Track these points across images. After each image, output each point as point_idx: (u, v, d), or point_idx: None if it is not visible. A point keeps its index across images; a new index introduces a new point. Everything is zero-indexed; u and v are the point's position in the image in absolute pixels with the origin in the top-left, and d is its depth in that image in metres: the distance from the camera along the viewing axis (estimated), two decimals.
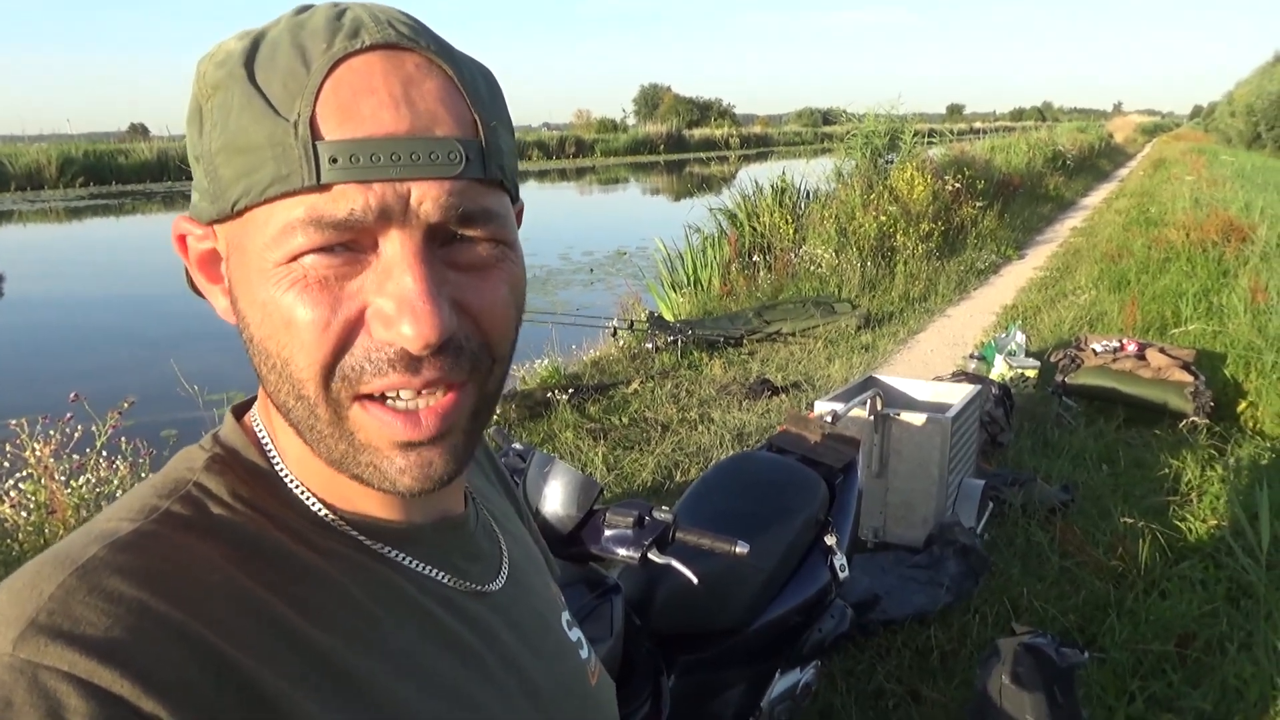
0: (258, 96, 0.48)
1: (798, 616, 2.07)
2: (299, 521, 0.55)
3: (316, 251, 0.48)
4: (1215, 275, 7.78)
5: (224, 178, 0.50)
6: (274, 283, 0.49)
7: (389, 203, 0.47)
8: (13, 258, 15.72)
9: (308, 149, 0.47)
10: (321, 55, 0.48)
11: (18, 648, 0.42)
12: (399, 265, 0.48)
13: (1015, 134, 26.05)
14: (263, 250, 0.49)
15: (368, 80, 0.48)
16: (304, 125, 0.47)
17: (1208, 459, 4.14)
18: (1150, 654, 2.72)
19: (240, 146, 0.48)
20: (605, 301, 8.83)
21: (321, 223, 0.47)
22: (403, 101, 0.48)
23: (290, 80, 0.48)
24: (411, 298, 0.48)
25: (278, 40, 0.49)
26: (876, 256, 8.98)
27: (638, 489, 4.04)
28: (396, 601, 0.56)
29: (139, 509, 0.51)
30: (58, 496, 2.89)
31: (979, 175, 12.22)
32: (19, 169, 27.07)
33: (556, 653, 0.69)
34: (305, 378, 0.50)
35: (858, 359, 6.23)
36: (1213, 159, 25.29)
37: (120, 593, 0.45)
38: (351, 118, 0.47)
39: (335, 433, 0.52)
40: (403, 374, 0.49)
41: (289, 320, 0.49)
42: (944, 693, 2.60)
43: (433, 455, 0.52)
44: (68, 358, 8.28)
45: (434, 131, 0.48)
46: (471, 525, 0.66)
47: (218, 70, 0.50)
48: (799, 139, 60.14)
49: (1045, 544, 3.40)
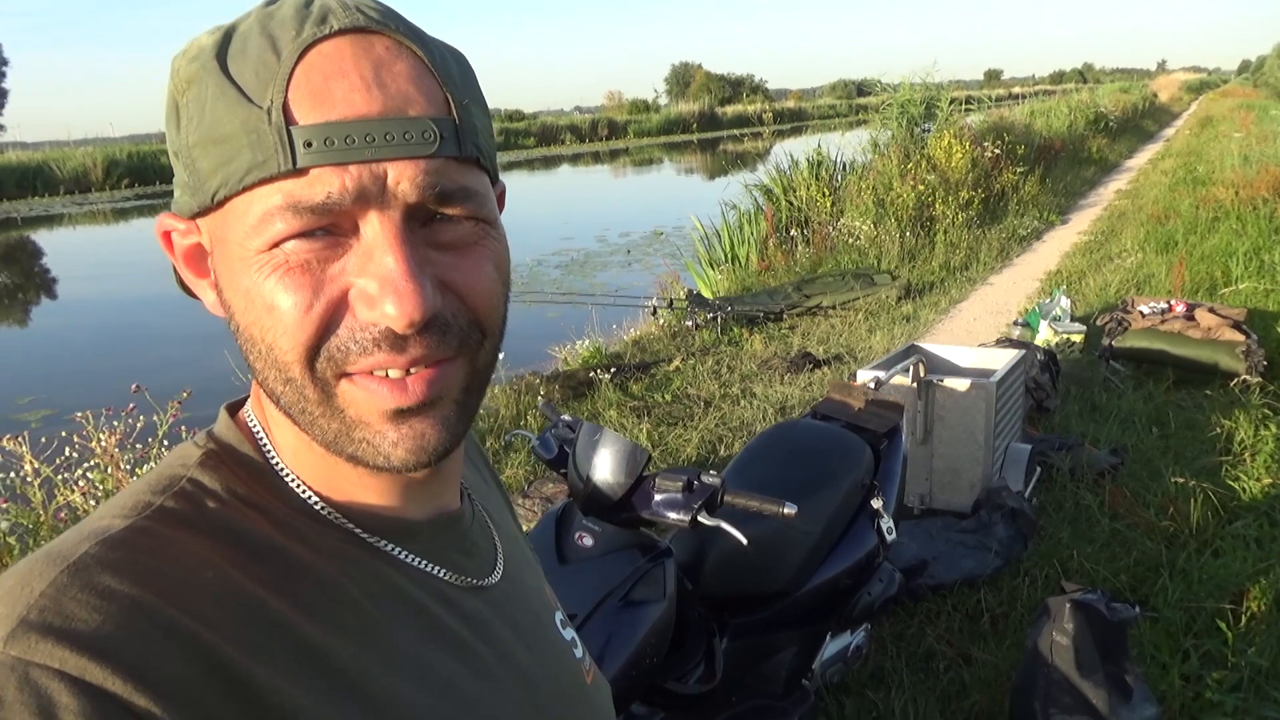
0: (231, 87, 0.48)
1: (847, 579, 2.10)
2: (294, 517, 0.55)
3: (297, 237, 0.48)
4: (1267, 233, 7.59)
5: (202, 170, 0.50)
6: (256, 269, 0.49)
7: (366, 184, 0.48)
8: (65, 260, 16.14)
9: (282, 134, 0.47)
10: (291, 42, 0.48)
11: (9, 645, 0.42)
12: (379, 246, 0.48)
13: (1055, 97, 25.54)
14: (244, 239, 0.49)
15: (338, 64, 0.48)
16: (277, 111, 0.47)
17: (1261, 418, 4.07)
18: (1204, 612, 2.71)
19: (216, 137, 0.49)
20: (644, 281, 8.86)
21: (299, 207, 0.48)
22: (374, 83, 0.48)
23: (262, 69, 0.48)
24: (394, 277, 0.48)
25: (248, 31, 0.50)
26: (915, 226, 8.88)
27: (682, 463, 4.08)
28: (393, 596, 0.56)
29: (132, 506, 0.51)
30: (124, 485, 3.00)
31: (1019, 140, 12.02)
32: (67, 173, 27.67)
33: (551, 650, 0.69)
34: (290, 360, 0.50)
35: (899, 330, 6.20)
36: (1262, 114, 24.56)
37: (111, 589, 0.45)
38: (324, 102, 0.47)
39: (326, 412, 0.52)
40: (388, 353, 0.50)
41: (271, 305, 0.49)
42: (995, 654, 2.61)
43: (424, 426, 0.52)
44: (122, 355, 8.51)
45: (407, 112, 0.49)
46: (468, 521, 0.66)
47: (190, 65, 0.51)
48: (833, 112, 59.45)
49: (1095, 507, 3.38)
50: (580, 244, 12.13)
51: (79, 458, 3.06)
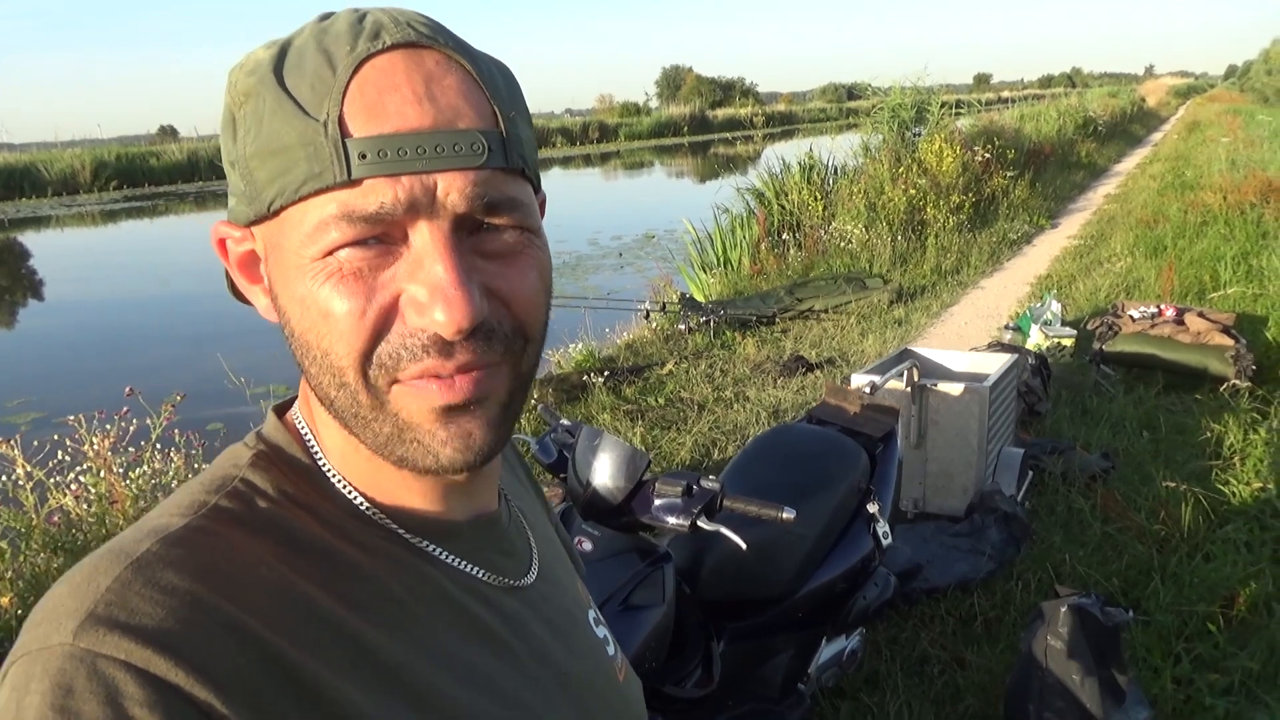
0: (288, 100, 0.50)
1: (843, 583, 2.11)
2: (341, 517, 0.57)
3: (350, 245, 0.50)
4: (1254, 237, 7.65)
5: (259, 180, 0.52)
6: (310, 277, 0.51)
7: (417, 195, 0.49)
8: (53, 262, 16.05)
9: (338, 147, 0.49)
10: (346, 57, 0.50)
11: (78, 638, 0.44)
12: (429, 255, 0.50)
13: (1044, 101, 25.61)
14: (299, 247, 0.51)
15: (391, 78, 0.50)
16: (333, 124, 0.49)
17: (1250, 422, 4.10)
18: (1195, 616, 2.73)
19: (274, 149, 0.51)
20: (636, 285, 8.87)
21: (353, 217, 0.49)
22: (425, 97, 0.50)
23: (318, 82, 0.50)
24: (443, 285, 0.50)
25: (304, 46, 0.52)
26: (907, 230, 8.91)
27: (676, 467, 4.08)
28: (436, 596, 0.58)
29: (189, 505, 0.53)
30: (117, 488, 2.99)
31: (1009, 145, 12.06)
32: (54, 174, 27.49)
33: (586, 648, 0.71)
34: (345, 365, 0.52)
35: (891, 333, 6.22)
36: (1249, 119, 24.75)
37: (173, 585, 0.47)
38: (378, 115, 0.49)
39: (379, 416, 0.53)
40: (436, 358, 0.51)
41: (326, 311, 0.51)
42: (989, 658, 2.62)
43: (471, 425, 0.54)
44: (112, 357, 8.47)
45: (456, 124, 0.50)
46: (505, 523, 0.68)
47: (248, 79, 0.53)
48: (824, 115, 59.59)
49: (1086, 510, 3.40)
50: (572, 247, 12.12)
51: (71, 461, 3.04)
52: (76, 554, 2.81)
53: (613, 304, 7.04)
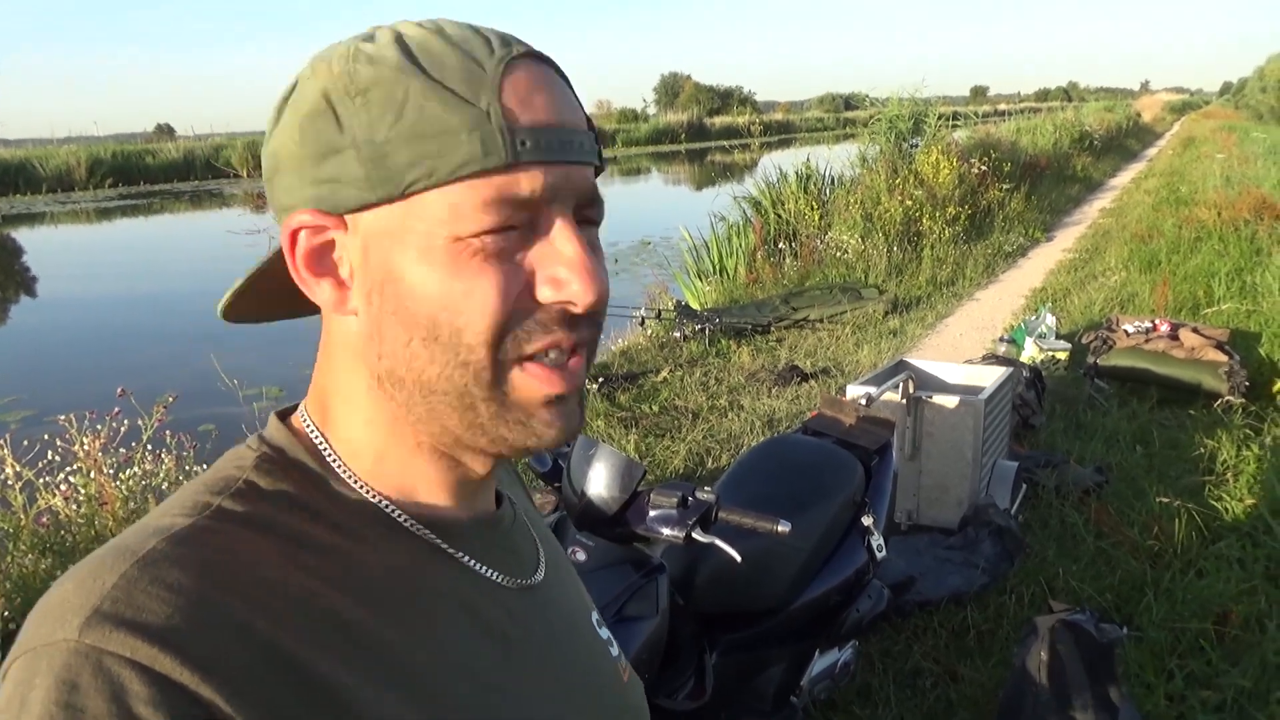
0: (441, 89, 0.52)
1: (836, 596, 2.10)
2: (347, 516, 0.57)
3: (495, 230, 0.53)
4: (1248, 254, 7.68)
5: (398, 163, 0.52)
6: (453, 256, 0.53)
7: (558, 183, 0.54)
8: (47, 259, 15.99)
9: (503, 132, 0.52)
10: (490, 58, 0.54)
11: (83, 634, 0.45)
12: (563, 238, 0.55)
13: (1041, 115, 25.74)
14: (435, 228, 0.52)
15: (532, 80, 0.54)
16: (496, 113, 0.52)
17: (1244, 438, 4.11)
18: (1188, 632, 2.73)
19: (425, 133, 0.52)
20: (632, 291, 8.85)
21: (505, 200, 0.52)
22: (560, 99, 0.56)
23: (470, 77, 0.53)
24: (579, 263, 0.54)
25: (430, 47, 0.54)
26: (903, 241, 8.93)
27: (670, 475, 4.08)
28: (442, 594, 0.59)
29: (192, 505, 0.54)
30: (107, 489, 2.97)
31: (1005, 157, 12.11)
32: (50, 171, 27.43)
33: (590, 649, 0.71)
34: (478, 342, 0.53)
35: (886, 344, 6.23)
36: (1244, 136, 24.88)
37: (179, 583, 0.47)
38: (530, 108, 0.53)
39: (490, 395, 0.55)
40: (563, 331, 0.55)
41: (469, 289, 0.53)
42: (981, 671, 2.61)
43: (571, 408, 0.58)
44: (103, 355, 8.43)
45: (580, 125, 0.56)
46: (508, 523, 0.68)
47: (371, 68, 0.53)
48: (821, 125, 59.78)
49: (1080, 525, 3.40)
50: None
51: (61, 461, 3.02)
52: (65, 555, 2.79)
53: (608, 310, 7.02)
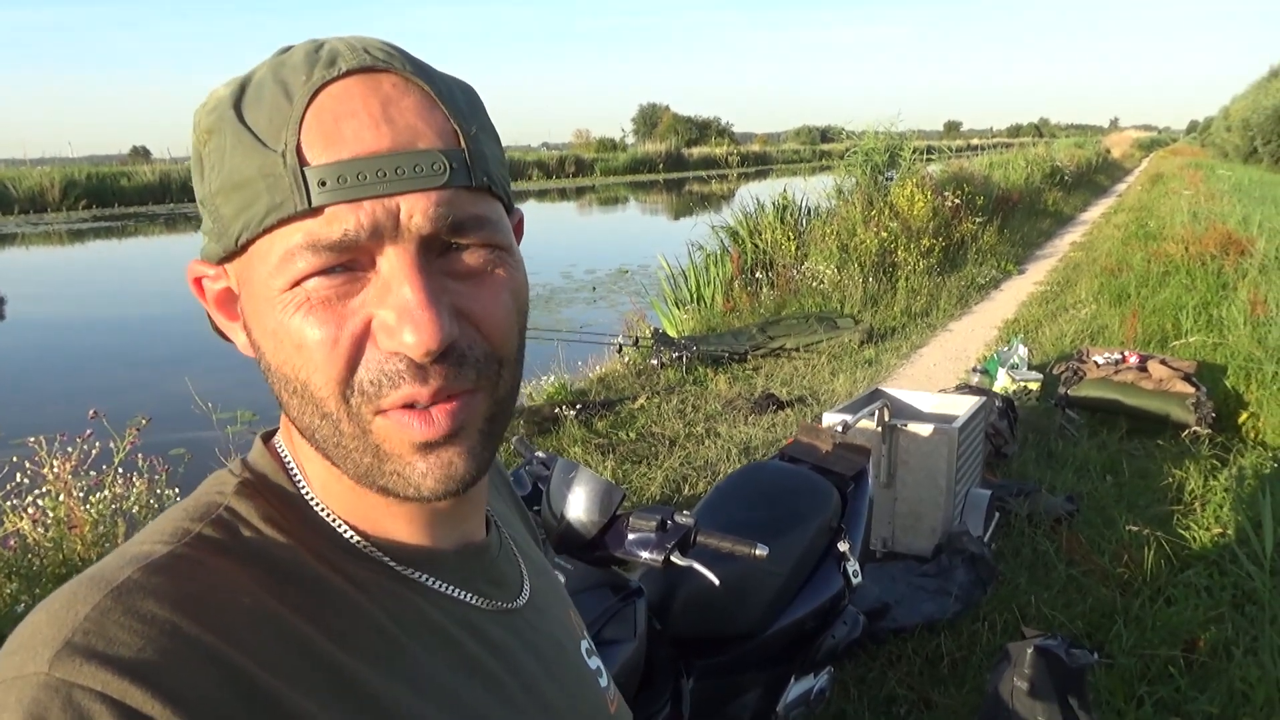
0: (246, 133, 0.50)
1: (812, 622, 2.11)
2: (326, 546, 0.56)
3: (318, 274, 0.50)
4: (1215, 288, 7.83)
5: (225, 216, 0.52)
6: (281, 309, 0.51)
7: (380, 219, 0.49)
8: (18, 280, 15.79)
9: (296, 175, 0.49)
10: (302, 86, 0.50)
11: (54, 667, 0.43)
12: (396, 278, 0.50)
13: (1013, 150, 26.17)
14: (267, 279, 0.51)
15: (347, 104, 0.50)
16: (291, 154, 0.49)
17: (1210, 469, 4.18)
18: (1157, 659, 2.76)
19: (236, 183, 0.51)
20: (609, 319, 8.89)
21: (318, 246, 0.49)
22: (382, 120, 0.50)
23: (275, 114, 0.50)
24: (411, 307, 0.49)
25: (262, 80, 0.52)
26: (878, 272, 9.03)
27: (647, 502, 4.08)
28: (421, 625, 0.57)
29: (171, 532, 0.52)
30: (76, 512, 2.93)
31: (978, 191, 12.30)
32: (22, 192, 27.16)
33: (576, 679, 0.69)
34: (325, 395, 0.51)
35: (861, 373, 6.28)
36: (1210, 173, 25.41)
37: (153, 614, 0.46)
38: (335, 141, 0.49)
39: (361, 446, 0.53)
40: (412, 383, 0.51)
41: (300, 343, 0.51)
42: (955, 698, 2.63)
43: (451, 455, 0.53)
44: (74, 378, 8.32)
45: (416, 145, 0.50)
46: (494, 551, 0.67)
47: (209, 116, 0.53)
48: (797, 157, 60.44)
49: (1051, 553, 3.43)
50: (545, 279, 12.14)
51: (30, 484, 2.98)
52: (32, 580, 2.75)
53: (585, 337, 7.04)
